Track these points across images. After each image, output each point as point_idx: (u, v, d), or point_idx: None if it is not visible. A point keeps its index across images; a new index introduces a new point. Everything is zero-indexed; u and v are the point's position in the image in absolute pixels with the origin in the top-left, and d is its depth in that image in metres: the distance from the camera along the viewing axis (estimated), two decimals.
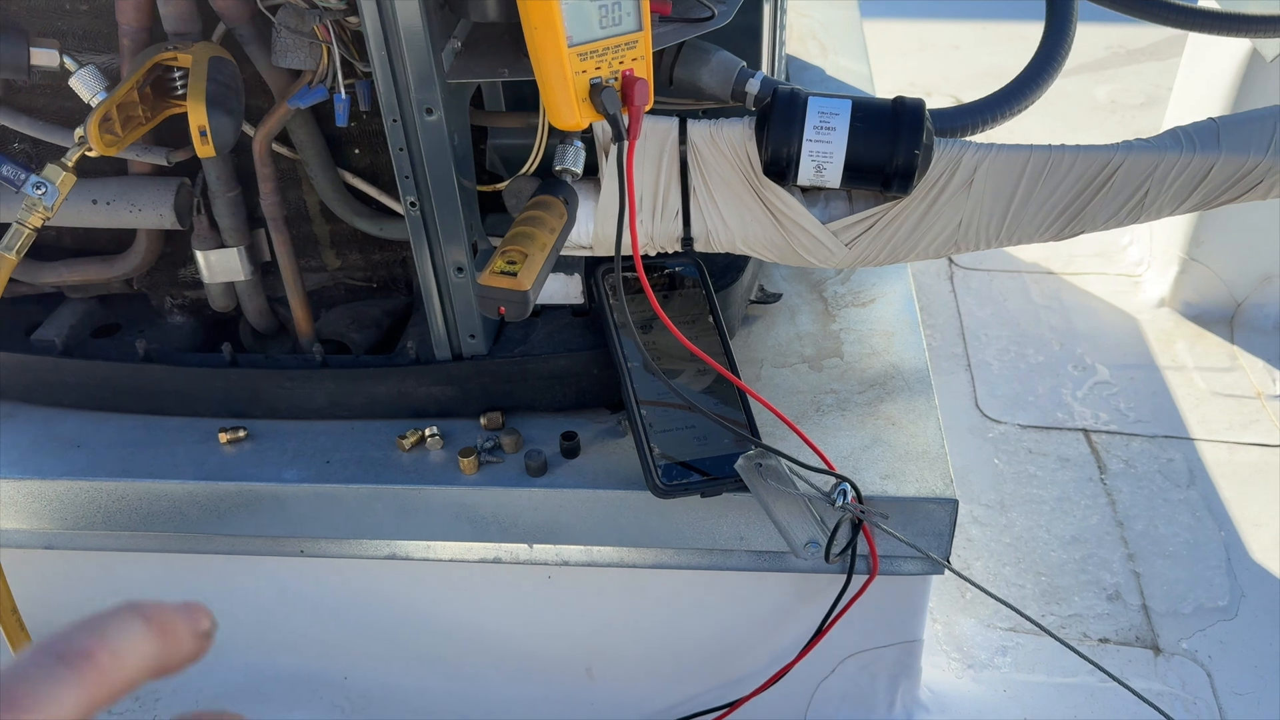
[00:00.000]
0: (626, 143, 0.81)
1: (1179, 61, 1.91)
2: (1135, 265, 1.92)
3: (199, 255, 1.04)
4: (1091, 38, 2.82)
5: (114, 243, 1.12)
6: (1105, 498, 1.46)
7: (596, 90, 0.78)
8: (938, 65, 2.75)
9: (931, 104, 0.94)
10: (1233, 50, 1.66)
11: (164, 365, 1.08)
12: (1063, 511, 1.44)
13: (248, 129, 0.98)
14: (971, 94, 0.99)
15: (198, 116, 0.78)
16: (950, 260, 1.97)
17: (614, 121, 0.79)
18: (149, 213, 1.00)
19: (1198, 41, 1.81)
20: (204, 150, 0.80)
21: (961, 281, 1.91)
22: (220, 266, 1.05)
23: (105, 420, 1.12)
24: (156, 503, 1.06)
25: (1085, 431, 1.57)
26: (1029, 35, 1.01)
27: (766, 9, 1.09)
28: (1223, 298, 1.78)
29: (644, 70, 0.80)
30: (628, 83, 0.79)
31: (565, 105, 0.79)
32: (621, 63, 0.79)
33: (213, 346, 1.10)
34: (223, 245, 1.04)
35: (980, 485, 1.49)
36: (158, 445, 1.08)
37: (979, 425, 1.59)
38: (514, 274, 0.77)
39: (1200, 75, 1.77)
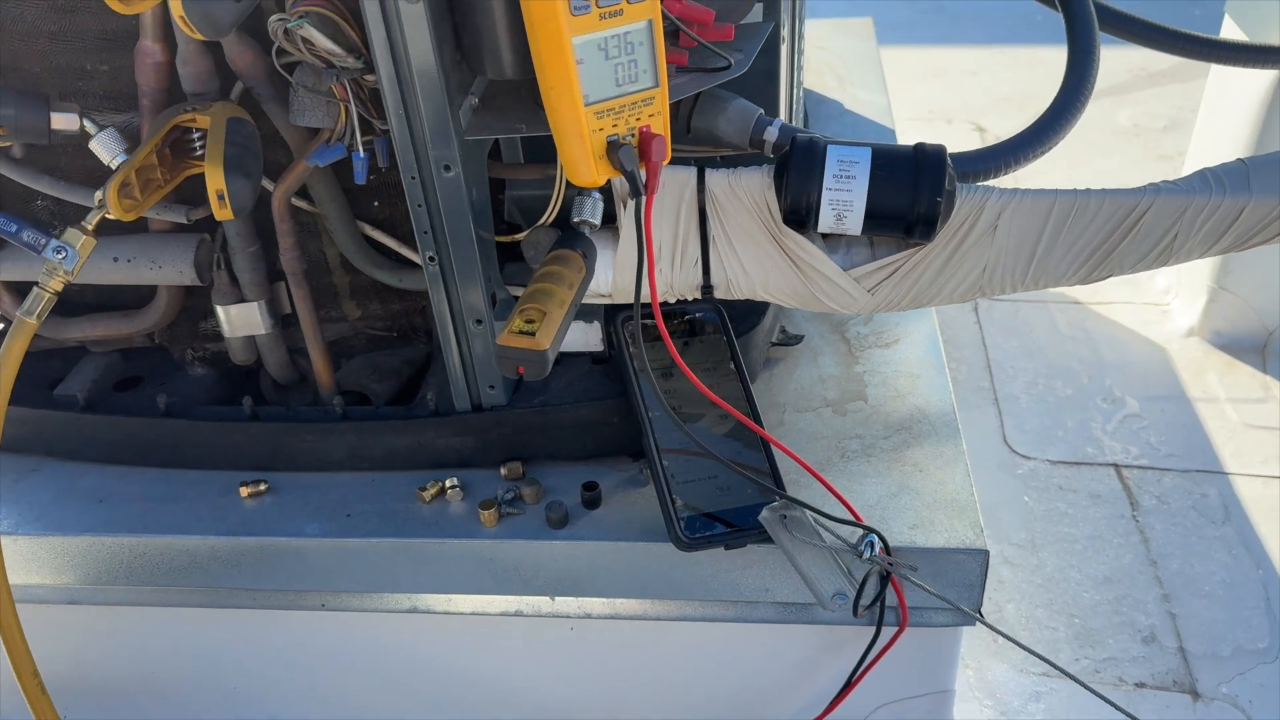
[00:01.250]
0: (644, 198, 0.80)
1: (1202, 84, 1.89)
2: (1163, 294, 1.89)
3: (219, 310, 1.05)
4: (1113, 61, 2.80)
5: (136, 297, 1.12)
6: (1138, 535, 1.43)
7: (614, 147, 0.78)
8: (956, 91, 2.74)
9: (952, 130, 0.93)
10: (1260, 72, 1.64)
11: (184, 420, 1.07)
12: (1095, 550, 1.42)
13: (267, 184, 0.98)
14: (991, 120, 0.98)
15: (215, 181, 0.78)
16: None
17: (631, 178, 0.78)
18: (169, 270, 1.00)
19: (1223, 67, 1.79)
20: (222, 214, 0.80)
21: (986, 313, 1.89)
22: (241, 321, 1.05)
23: (127, 474, 1.12)
24: (178, 558, 1.06)
25: (1116, 466, 1.55)
26: (1048, 60, 1.00)
27: (784, 50, 1.08)
28: (1254, 326, 1.75)
29: (661, 126, 0.79)
30: (645, 139, 0.79)
31: (583, 163, 0.78)
32: (639, 119, 0.79)
33: (235, 398, 1.10)
34: (243, 300, 1.04)
35: (1011, 524, 1.46)
36: (179, 499, 1.08)
37: (1008, 461, 1.57)
38: (532, 333, 0.76)
39: (1226, 98, 1.75)
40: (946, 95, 2.70)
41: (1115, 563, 1.39)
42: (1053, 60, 1.01)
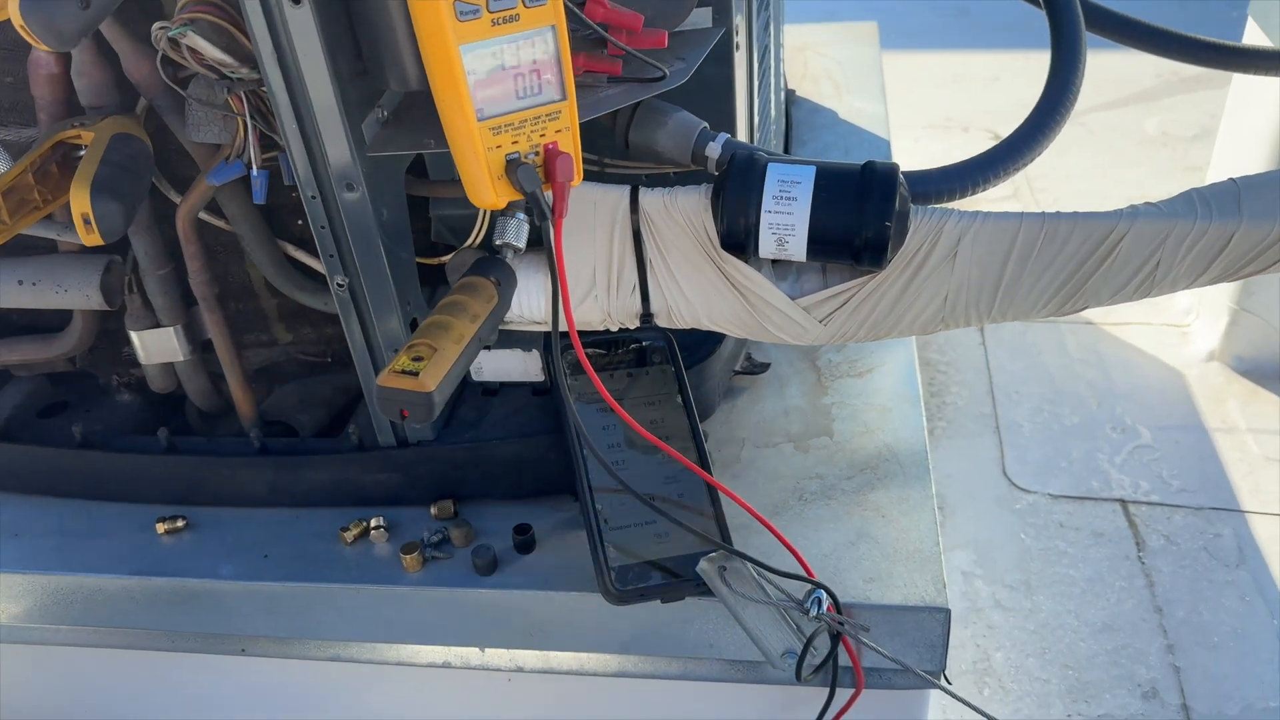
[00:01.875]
0: (550, 222, 0.72)
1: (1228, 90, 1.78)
2: (1183, 315, 1.78)
3: (134, 336, 0.99)
4: (1140, 65, 2.68)
5: (59, 320, 1.06)
6: (1143, 579, 1.33)
7: (513, 166, 0.70)
8: (975, 98, 2.63)
9: (968, 138, 0.85)
10: None
11: (101, 451, 1.02)
12: (1095, 594, 1.32)
13: (177, 198, 0.92)
14: (1008, 127, 0.89)
15: (80, 203, 0.72)
16: None
17: (534, 200, 0.71)
18: (75, 293, 0.94)
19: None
20: (89, 239, 0.73)
21: (992, 333, 1.79)
22: (156, 347, 0.99)
23: (46, 506, 1.06)
24: (93, 596, 1.00)
25: (1123, 502, 1.44)
26: None
27: (739, 58, 1.00)
28: (1277, 351, 1.63)
29: (569, 144, 0.72)
30: (549, 157, 0.71)
31: (480, 183, 0.71)
32: (543, 135, 0.71)
33: (161, 424, 1.04)
34: (158, 325, 0.98)
35: (1005, 563, 1.37)
36: (96, 535, 1.03)
37: (1006, 495, 1.47)
38: (416, 373, 0.69)
39: (1250, 105, 1.64)
40: (966, 102, 2.59)
41: (1116, 608, 1.29)
42: None
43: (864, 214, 0.79)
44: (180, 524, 1.01)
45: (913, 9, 3.20)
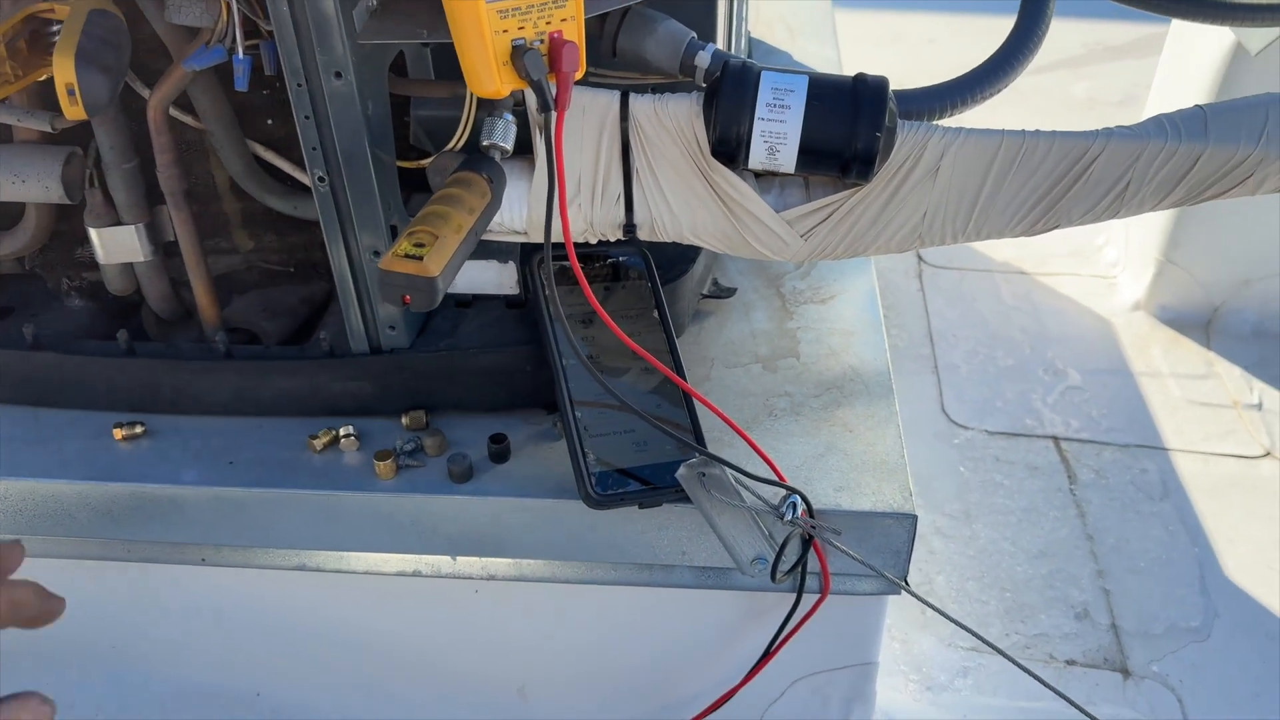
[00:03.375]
0: (554, 113, 0.72)
1: (1158, 60, 1.85)
2: (1110, 267, 1.85)
3: (93, 233, 0.95)
4: (1070, 34, 2.76)
5: (6, 219, 1.02)
6: (1075, 509, 1.39)
7: (519, 53, 0.70)
8: (912, 58, 2.68)
9: None
10: (1215, 44, 1.59)
11: (54, 353, 0.98)
12: (1030, 523, 1.38)
13: (145, 92, 0.89)
14: None
15: (64, 73, 0.69)
16: (919, 257, 1.90)
17: (539, 88, 0.70)
18: (33, 184, 0.90)
19: (1179, 36, 1.75)
20: (72, 111, 0.70)
21: (930, 280, 1.84)
22: (116, 246, 0.95)
23: None
24: (43, 504, 0.97)
25: (1055, 439, 1.51)
26: (1006, 30, 0.93)
27: None
28: (1200, 302, 1.72)
29: (574, 33, 0.71)
30: (555, 45, 0.71)
31: (484, 69, 0.70)
32: (549, 23, 0.71)
33: (113, 332, 1.00)
34: (119, 222, 0.95)
35: (945, 494, 1.42)
36: (47, 441, 0.99)
37: (945, 431, 1.52)
38: (420, 258, 0.68)
39: (1181, 70, 1.71)
40: (904, 61, 2.64)
41: (1050, 536, 1.35)
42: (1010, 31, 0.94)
43: (855, 125, 0.80)
44: (139, 430, 0.98)
45: None
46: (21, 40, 0.77)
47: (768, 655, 0.97)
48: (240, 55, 0.79)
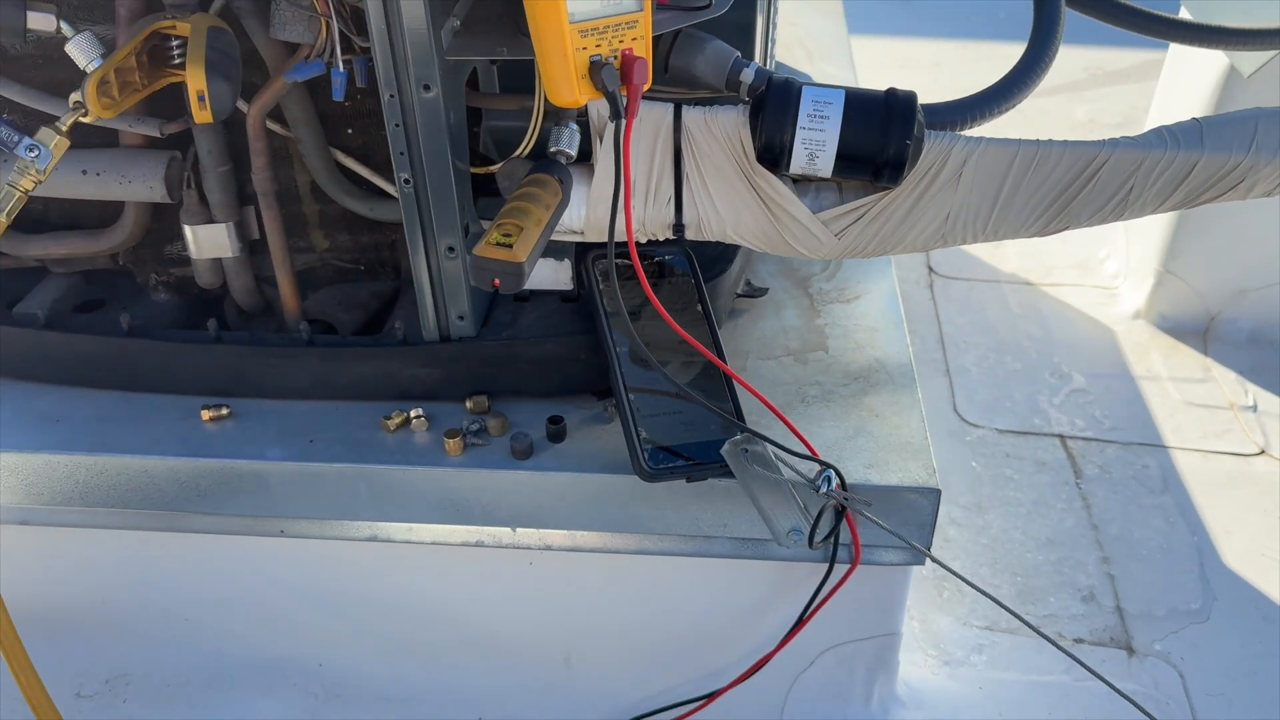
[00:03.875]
0: (624, 121, 0.81)
1: (1156, 84, 1.95)
2: (1112, 278, 1.95)
3: (187, 230, 1.04)
4: (1072, 60, 2.87)
5: (99, 219, 1.11)
6: (1081, 501, 1.48)
7: (596, 67, 0.79)
8: (920, 82, 2.77)
9: None
10: (1210, 67, 1.69)
11: (147, 340, 1.07)
12: (1039, 514, 1.46)
13: (242, 105, 0.98)
14: None
15: (196, 81, 0.78)
16: (930, 269, 1.99)
17: (613, 99, 0.80)
18: (139, 185, 0.99)
19: (1176, 62, 1.85)
20: (201, 116, 0.80)
21: (941, 290, 1.93)
22: (208, 242, 1.04)
23: (86, 396, 1.10)
24: (135, 479, 1.05)
25: (1061, 437, 1.59)
26: (1011, 55, 1.03)
27: (760, 3, 1.10)
28: (1197, 311, 1.81)
29: (643, 50, 0.81)
30: (627, 61, 0.80)
31: (565, 81, 0.79)
32: (621, 41, 0.80)
33: (197, 325, 1.09)
34: (211, 221, 1.04)
35: (958, 487, 1.50)
36: (138, 421, 1.07)
37: (957, 429, 1.61)
38: (510, 245, 0.77)
39: (1179, 93, 1.81)
40: (911, 85, 2.73)
41: (1058, 526, 1.44)
42: (1015, 55, 1.04)
43: (887, 134, 0.90)
44: (225, 412, 1.06)
45: None
46: (144, 54, 0.87)
47: (800, 622, 1.05)
48: (339, 69, 0.88)
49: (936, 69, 2.95)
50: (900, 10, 3.37)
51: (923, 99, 0.94)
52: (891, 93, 0.92)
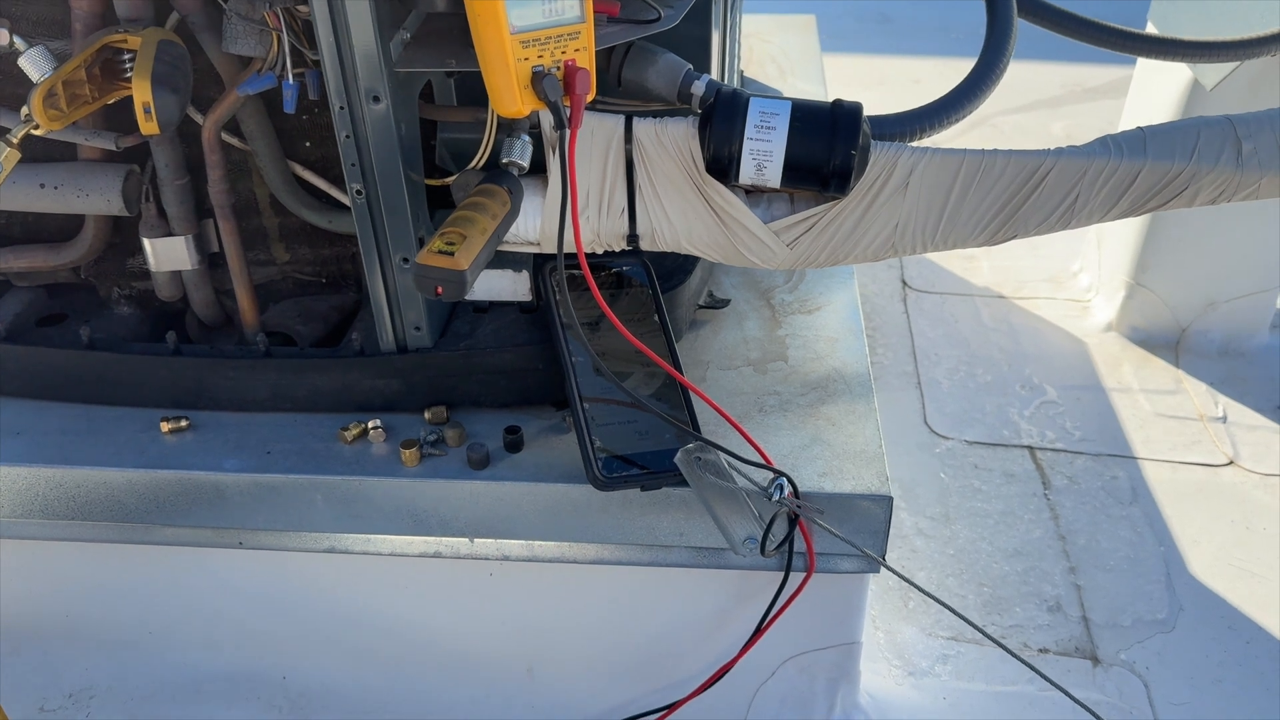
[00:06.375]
0: (568, 131, 0.82)
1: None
2: (1084, 291, 1.96)
3: (146, 243, 1.05)
4: (1050, 76, 2.89)
5: (61, 233, 1.11)
6: (1049, 512, 1.48)
7: (539, 78, 0.80)
8: (900, 98, 2.80)
9: None
10: (1175, 81, 1.71)
11: (107, 353, 1.07)
12: (1006, 525, 1.46)
13: (198, 116, 0.99)
14: None
15: (142, 93, 0.79)
16: (904, 282, 2.00)
17: (555, 109, 0.81)
18: (96, 198, 1.00)
19: (1143, 77, 1.87)
20: (148, 127, 0.80)
21: (914, 303, 1.94)
22: (167, 255, 1.05)
23: (47, 409, 1.11)
24: (95, 491, 1.05)
25: (1031, 449, 1.60)
26: None
27: (715, 14, 1.11)
28: (1168, 323, 1.82)
29: (586, 61, 0.82)
30: (570, 71, 0.81)
31: (507, 91, 0.80)
32: (564, 52, 0.81)
33: (158, 339, 1.10)
34: (170, 234, 1.05)
35: (926, 498, 1.51)
36: (99, 434, 1.08)
37: (927, 441, 1.61)
38: (452, 253, 0.78)
39: (1145, 107, 1.82)
40: (887, 101, 2.76)
41: (1025, 537, 1.44)
42: None
43: (833, 144, 0.91)
44: (184, 424, 1.07)
45: (838, 13, 3.39)
46: (96, 68, 0.88)
47: (759, 631, 1.06)
48: (290, 81, 0.89)
49: (915, 85, 2.97)
50: (879, 29, 3.40)
51: None
52: (838, 104, 0.93)
